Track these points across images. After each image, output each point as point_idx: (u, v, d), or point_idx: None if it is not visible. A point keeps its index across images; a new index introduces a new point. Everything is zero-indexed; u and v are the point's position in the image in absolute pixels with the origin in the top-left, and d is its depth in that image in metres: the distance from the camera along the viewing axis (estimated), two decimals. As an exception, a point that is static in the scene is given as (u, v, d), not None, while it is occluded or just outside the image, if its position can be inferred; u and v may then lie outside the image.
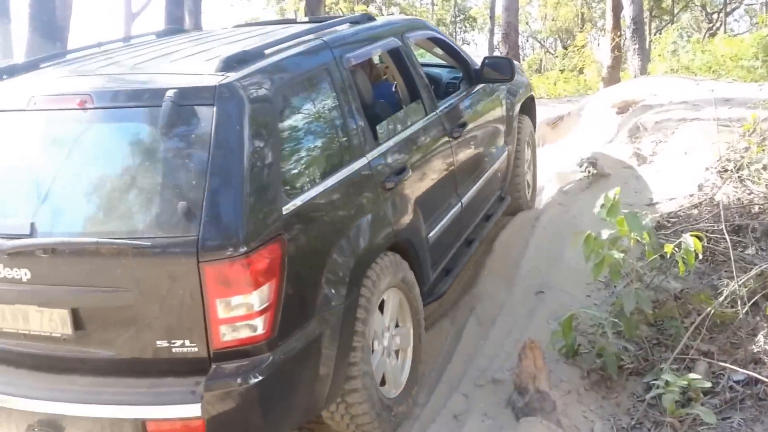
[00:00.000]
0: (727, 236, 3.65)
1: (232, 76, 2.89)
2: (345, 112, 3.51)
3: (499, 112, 5.49)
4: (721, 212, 3.95)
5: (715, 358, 3.59)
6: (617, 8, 15.24)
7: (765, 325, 3.77)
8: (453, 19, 34.22)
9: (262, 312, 2.73)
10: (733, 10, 33.33)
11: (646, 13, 26.55)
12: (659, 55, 17.64)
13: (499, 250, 5.30)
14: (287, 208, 2.89)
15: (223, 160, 2.74)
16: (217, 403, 2.71)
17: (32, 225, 2.84)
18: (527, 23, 36.04)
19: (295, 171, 3.10)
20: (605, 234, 3.66)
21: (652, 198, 5.56)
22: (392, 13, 31.30)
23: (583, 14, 33.68)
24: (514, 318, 4.42)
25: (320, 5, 13.87)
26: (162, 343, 2.76)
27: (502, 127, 5.51)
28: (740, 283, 3.72)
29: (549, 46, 37.50)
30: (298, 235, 2.93)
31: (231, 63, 2.97)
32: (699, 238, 3.57)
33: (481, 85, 5.19)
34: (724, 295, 3.77)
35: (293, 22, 5.93)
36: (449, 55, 5.21)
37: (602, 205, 3.70)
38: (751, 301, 3.75)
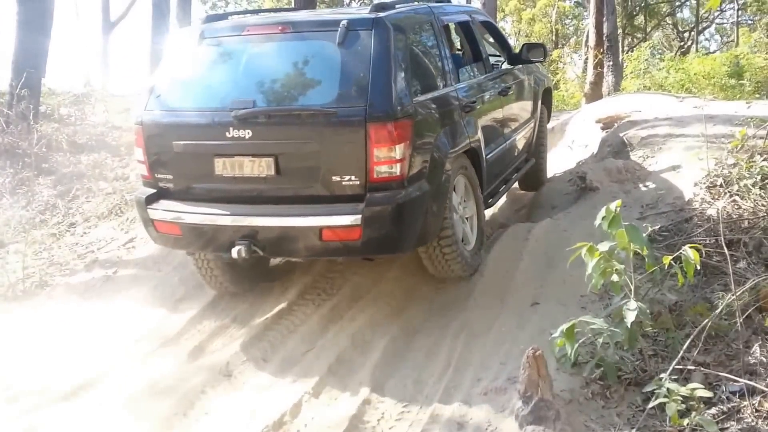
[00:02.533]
0: (726, 249, 3.74)
1: (381, 14, 4.59)
2: (441, 52, 5.27)
3: (529, 91, 7.16)
4: (720, 227, 4.05)
5: (712, 369, 3.67)
6: (599, 25, 15.44)
7: (759, 337, 3.87)
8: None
9: (399, 161, 4.31)
10: (704, 29, 34.03)
11: (619, 31, 27.00)
12: (631, 72, 17.90)
13: (493, 262, 5.35)
14: (413, 101, 4.52)
15: (380, 62, 4.38)
16: (370, 216, 4.28)
17: (254, 101, 4.48)
18: (503, 38, 36.26)
19: (416, 80, 4.72)
20: (605, 246, 3.72)
21: (643, 212, 5.66)
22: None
23: (557, 30, 34.08)
24: (509, 329, 4.48)
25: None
26: (336, 178, 4.36)
27: (530, 103, 7.19)
28: (737, 295, 3.80)
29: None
30: (419, 121, 4.52)
31: (378, 8, 4.70)
32: (697, 251, 3.65)
33: (519, 66, 6.79)
34: (721, 307, 3.86)
35: None
36: (495, 38, 6.87)
37: (603, 218, 3.75)
38: (745, 314, 3.84)
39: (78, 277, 6.22)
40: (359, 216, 4.26)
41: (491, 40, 6.91)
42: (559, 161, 8.39)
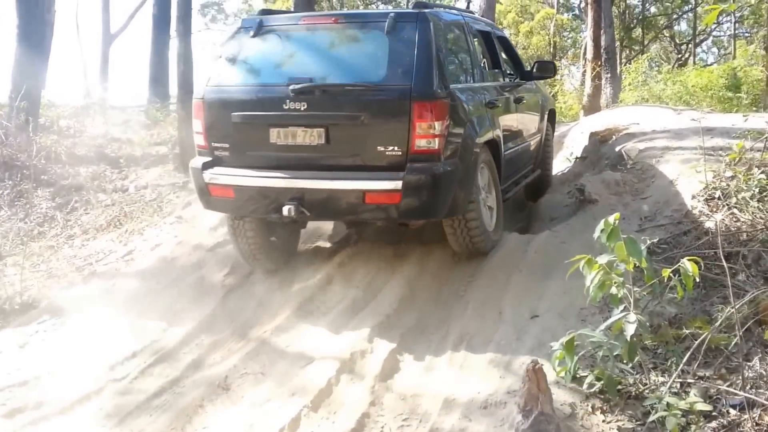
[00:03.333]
0: (724, 262, 3.73)
1: (424, 10, 5.28)
2: (470, 51, 6.03)
3: (537, 106, 7.80)
4: (719, 239, 4.04)
5: (712, 383, 3.66)
6: (597, 39, 15.52)
7: (759, 350, 3.86)
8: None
9: (437, 136, 4.94)
10: (702, 41, 34.19)
11: (617, 43, 27.11)
12: (629, 84, 17.97)
13: (491, 274, 5.35)
14: (450, 87, 5.16)
15: (423, 49, 5.04)
16: (410, 182, 4.88)
17: (311, 78, 5.11)
18: (501, 50, 36.41)
19: (451, 70, 5.40)
20: (604, 259, 3.72)
21: (641, 224, 5.66)
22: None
23: (555, 43, 34.20)
24: (508, 341, 4.47)
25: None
26: (380, 148, 4.99)
27: (538, 117, 7.79)
28: (736, 308, 3.79)
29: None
30: (454, 105, 5.16)
31: (420, 5, 5.39)
32: (696, 263, 3.64)
33: (530, 83, 7.50)
34: (720, 320, 3.85)
35: None
36: (508, 54, 7.41)
37: (602, 230, 3.75)
38: (744, 327, 3.84)
39: (76, 289, 6.19)
40: (400, 182, 4.87)
41: (504, 56, 7.35)
42: (557, 173, 8.40)
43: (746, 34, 31.45)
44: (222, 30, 37.71)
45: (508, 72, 7.19)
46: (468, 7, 30.97)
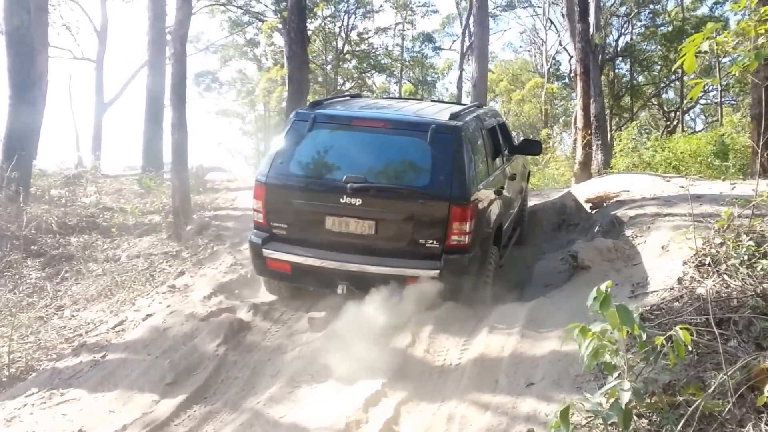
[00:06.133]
0: (715, 329, 3.73)
1: (457, 122, 6.32)
2: (486, 150, 6.94)
3: (524, 174, 9.09)
4: (709, 306, 4.06)
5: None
6: (587, 108, 15.84)
7: (752, 416, 3.83)
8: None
9: (468, 233, 6.00)
10: (689, 108, 34.80)
11: (607, 111, 27.62)
12: (620, 151, 18.24)
13: (486, 342, 5.33)
14: (476, 189, 6.13)
15: (459, 160, 6.05)
16: (446, 270, 5.96)
17: (365, 177, 6.08)
18: (493, 118, 36.99)
19: (475, 172, 6.26)
20: (597, 327, 3.72)
21: (634, 291, 5.68)
22: (368, 88, 33.92)
23: (546, 110, 34.84)
24: (504, 410, 4.42)
25: (303, 97, 14.18)
26: (422, 241, 6.04)
27: (523, 183, 9.22)
28: (728, 374, 3.78)
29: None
30: (477, 204, 6.14)
31: (453, 116, 6.45)
32: (688, 331, 3.65)
33: (518, 157, 8.67)
34: (713, 386, 3.83)
35: (450, 103, 11.07)
36: (502, 133, 8.19)
37: (594, 298, 3.76)
38: (737, 393, 3.82)
39: (65, 361, 6.09)
40: (438, 271, 5.95)
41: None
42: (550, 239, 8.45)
43: (732, 102, 32.10)
44: (217, 98, 38.44)
45: (505, 152, 8.00)
46: (460, 77, 31.74)
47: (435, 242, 5.98)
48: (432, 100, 11.91)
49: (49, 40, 12.58)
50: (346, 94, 7.91)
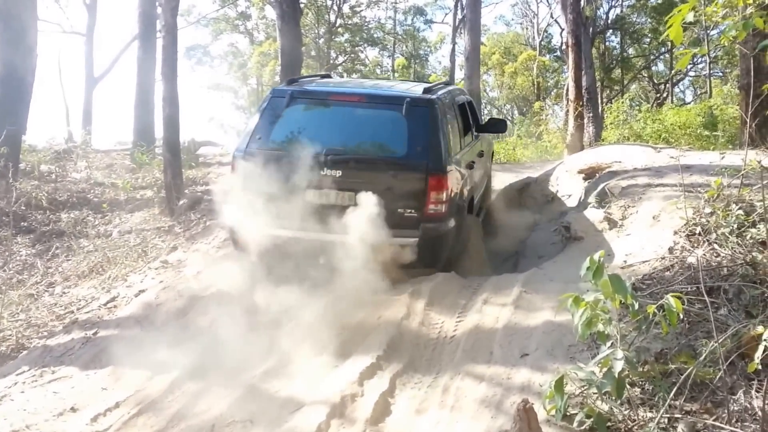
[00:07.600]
0: (706, 297, 3.76)
1: (431, 95, 6.55)
2: (458, 124, 7.21)
3: (490, 152, 9.74)
4: (700, 274, 4.08)
5: (698, 417, 3.66)
6: (578, 80, 15.84)
7: (743, 383, 3.87)
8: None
9: (444, 202, 6.16)
10: (679, 81, 34.86)
11: (598, 83, 27.59)
12: (611, 123, 18.25)
13: (480, 314, 5.35)
14: (450, 159, 6.32)
15: (434, 130, 6.27)
16: (424, 238, 6.13)
17: (344, 149, 6.28)
18: (485, 91, 37.07)
19: (449, 144, 6.41)
20: (590, 296, 3.74)
21: (626, 260, 5.70)
22: (361, 62, 33.97)
23: (539, 83, 34.77)
24: (499, 381, 4.45)
25: (297, 71, 14.08)
26: (401, 211, 6.14)
27: (490, 159, 9.87)
28: (719, 342, 3.82)
29: (506, 113, 38.50)
30: (452, 176, 6.29)
31: (427, 90, 6.67)
32: (680, 299, 3.67)
33: (484, 136, 9.03)
34: (704, 354, 3.87)
35: (418, 81, 12.68)
36: (471, 112, 8.43)
37: (588, 268, 3.78)
38: (728, 361, 3.86)
39: (56, 339, 6.02)
40: (416, 239, 6.11)
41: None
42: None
43: (720, 74, 32.11)
44: (209, 72, 38.12)
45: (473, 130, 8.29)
46: (453, 50, 31.59)
47: (413, 211, 6.14)
48: (401, 80, 13.26)
49: (38, 13, 12.35)
50: (316, 75, 8.53)
